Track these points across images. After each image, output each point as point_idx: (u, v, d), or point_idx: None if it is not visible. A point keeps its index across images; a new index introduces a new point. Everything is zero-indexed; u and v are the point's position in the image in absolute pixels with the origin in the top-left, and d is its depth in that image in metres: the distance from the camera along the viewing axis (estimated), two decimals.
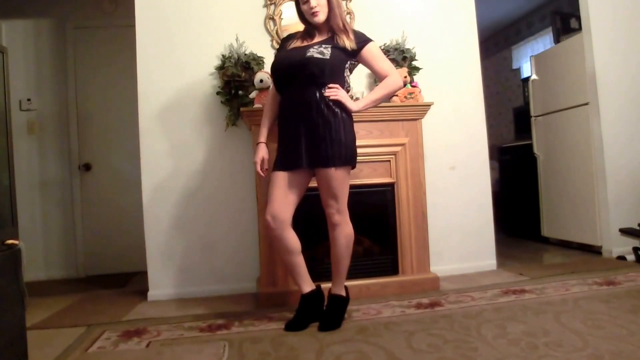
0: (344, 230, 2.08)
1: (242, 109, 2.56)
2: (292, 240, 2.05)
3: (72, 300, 2.84)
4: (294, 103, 2.04)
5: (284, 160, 2.05)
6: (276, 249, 2.15)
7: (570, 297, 2.29)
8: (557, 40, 4.20)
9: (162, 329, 2.13)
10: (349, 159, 2.05)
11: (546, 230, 4.00)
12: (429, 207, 2.75)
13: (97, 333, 2.10)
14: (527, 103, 4.50)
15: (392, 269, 2.67)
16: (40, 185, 3.62)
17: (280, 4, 2.93)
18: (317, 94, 2.00)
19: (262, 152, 2.21)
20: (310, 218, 2.31)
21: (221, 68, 2.78)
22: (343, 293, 2.15)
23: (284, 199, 2.03)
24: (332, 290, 2.15)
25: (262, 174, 2.21)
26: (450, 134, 3.05)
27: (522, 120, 4.70)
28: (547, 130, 3.94)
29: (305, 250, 2.13)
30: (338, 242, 2.08)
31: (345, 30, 2.06)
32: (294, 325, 2.04)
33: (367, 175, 2.64)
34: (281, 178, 2.03)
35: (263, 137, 2.23)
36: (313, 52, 1.99)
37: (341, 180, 2.03)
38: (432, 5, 3.10)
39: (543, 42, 5.12)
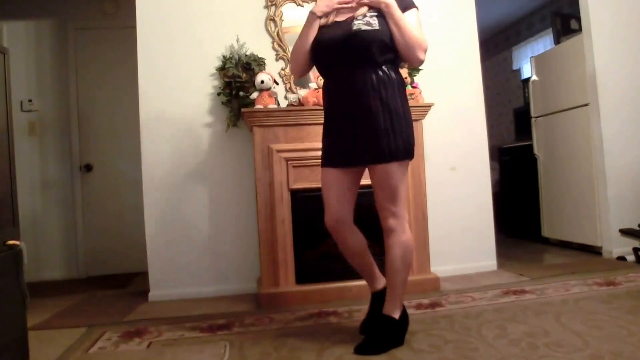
0: (399, 238, 1.77)
1: (243, 109, 2.56)
2: (357, 240, 1.87)
3: (73, 301, 2.85)
4: (343, 88, 1.75)
5: (335, 155, 1.79)
6: (341, 251, 1.93)
7: (571, 297, 2.30)
8: (557, 41, 4.21)
9: (163, 330, 2.13)
10: (409, 151, 1.77)
11: (546, 231, 4.01)
12: (429, 208, 2.75)
13: (98, 333, 2.11)
14: (527, 104, 4.50)
15: None
16: (41, 185, 3.63)
17: (281, 5, 2.94)
18: (374, 75, 1.71)
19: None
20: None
21: (222, 69, 2.79)
22: (395, 314, 1.80)
23: (342, 199, 1.81)
24: (383, 310, 1.82)
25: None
26: (451, 134, 3.06)
27: (522, 121, 4.70)
28: (547, 131, 3.94)
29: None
30: (392, 252, 1.78)
31: None
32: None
33: (367, 175, 2.63)
34: (334, 176, 1.79)
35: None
36: (360, 25, 1.69)
37: (398, 178, 1.75)
38: (433, 6, 3.10)
39: (543, 43, 5.12)
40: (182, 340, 1.99)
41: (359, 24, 1.69)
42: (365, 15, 1.72)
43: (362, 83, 1.71)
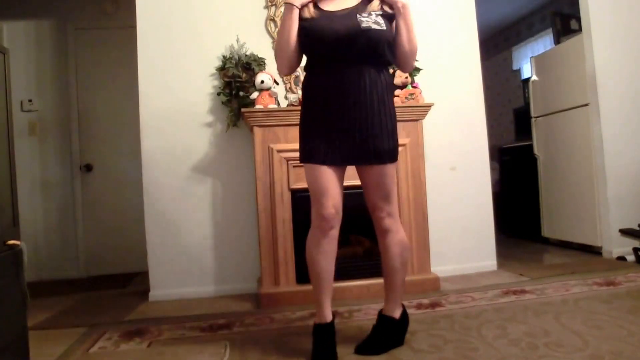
0: (395, 237, 1.76)
1: (242, 109, 2.57)
2: (336, 246, 1.75)
3: (73, 301, 2.85)
4: (341, 84, 1.65)
5: (326, 154, 1.67)
6: (316, 255, 1.72)
7: (571, 297, 2.30)
8: (557, 41, 4.21)
9: (164, 329, 2.14)
10: (397, 152, 1.75)
11: (546, 231, 4.01)
12: (429, 208, 2.75)
13: (99, 333, 2.11)
14: (527, 104, 4.50)
15: None
16: (41, 186, 3.63)
17: (281, 5, 2.94)
18: (376, 75, 1.67)
19: None
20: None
21: (222, 69, 2.79)
22: (396, 314, 1.80)
23: (339, 192, 1.71)
24: (384, 310, 1.82)
25: None
26: (451, 134, 3.06)
27: (522, 121, 4.70)
28: (547, 131, 3.94)
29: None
30: (390, 251, 1.76)
31: None
32: None
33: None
34: (328, 172, 1.67)
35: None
36: (369, 23, 1.61)
37: (392, 178, 1.74)
38: (433, 6, 3.10)
39: (543, 43, 5.12)
40: (183, 339, 1.99)
41: (368, 22, 1.61)
42: (370, 14, 1.64)
43: (367, 82, 1.65)
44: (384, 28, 1.64)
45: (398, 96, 2.72)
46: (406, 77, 2.75)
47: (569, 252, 3.59)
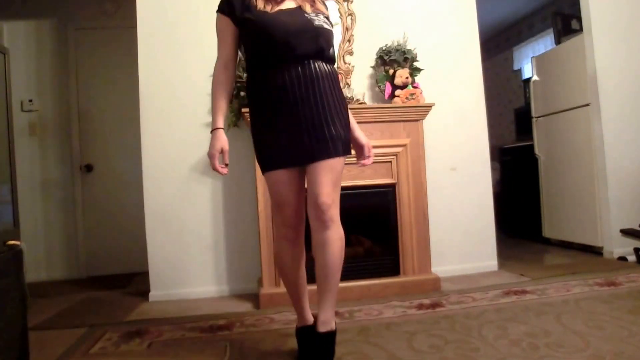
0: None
1: (243, 109, 2.56)
2: (304, 254, 1.73)
3: (73, 301, 2.85)
4: (297, 81, 1.57)
5: (283, 155, 1.62)
6: (294, 262, 1.71)
7: (572, 297, 2.29)
8: (558, 41, 4.20)
9: (164, 330, 2.13)
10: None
11: (547, 231, 4.00)
12: (430, 208, 2.75)
13: (99, 334, 2.10)
14: (528, 104, 4.50)
15: (394, 269, 2.68)
16: (41, 186, 3.63)
17: None
18: (328, 68, 1.63)
19: (221, 141, 1.73)
20: None
21: None
22: (333, 325, 1.70)
23: (301, 196, 1.67)
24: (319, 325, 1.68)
25: (221, 171, 1.72)
26: (452, 134, 3.05)
27: (523, 121, 4.70)
28: (548, 131, 3.94)
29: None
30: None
31: None
32: None
33: (368, 176, 2.64)
34: (285, 177, 1.64)
35: (220, 121, 1.74)
36: (321, 22, 1.59)
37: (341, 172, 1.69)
38: (434, 6, 3.10)
39: (544, 43, 5.12)
40: (183, 340, 1.99)
41: (319, 21, 1.59)
42: (317, 14, 1.61)
43: (318, 76, 1.59)
44: (331, 29, 1.65)
45: (399, 96, 2.72)
46: (407, 77, 2.75)
47: (569, 253, 3.58)
